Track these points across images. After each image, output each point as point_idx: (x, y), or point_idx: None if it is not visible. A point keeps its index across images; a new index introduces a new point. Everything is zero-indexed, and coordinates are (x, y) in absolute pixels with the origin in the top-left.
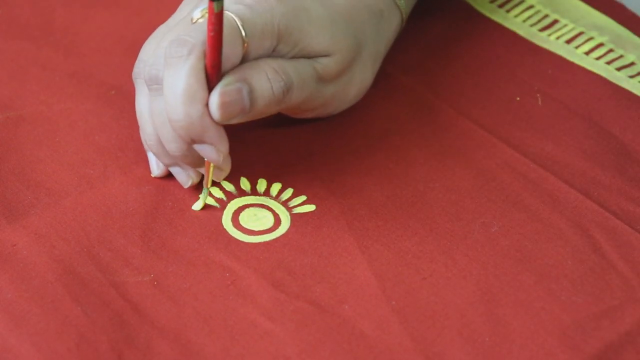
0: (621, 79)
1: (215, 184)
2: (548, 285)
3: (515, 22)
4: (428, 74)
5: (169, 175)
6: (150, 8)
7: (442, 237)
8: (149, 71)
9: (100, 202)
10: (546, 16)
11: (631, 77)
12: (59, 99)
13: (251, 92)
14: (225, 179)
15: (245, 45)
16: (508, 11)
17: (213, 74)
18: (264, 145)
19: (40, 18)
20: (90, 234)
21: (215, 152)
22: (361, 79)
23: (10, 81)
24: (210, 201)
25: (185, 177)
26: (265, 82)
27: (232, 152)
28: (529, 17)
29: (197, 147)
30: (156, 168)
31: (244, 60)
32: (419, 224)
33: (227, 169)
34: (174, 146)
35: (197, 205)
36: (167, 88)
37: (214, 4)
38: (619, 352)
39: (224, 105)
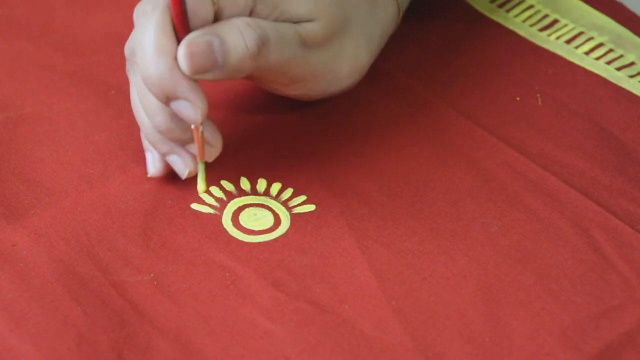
0: (621, 79)
1: (215, 183)
2: (548, 285)
3: (515, 22)
4: (428, 74)
5: (168, 175)
6: None
7: (442, 237)
8: (127, 45)
9: (100, 202)
10: (546, 16)
11: (631, 77)
12: (59, 99)
13: (222, 44)
14: (225, 179)
15: (216, 4)
16: (508, 11)
17: (179, 25)
18: (264, 145)
19: (40, 18)
20: (90, 234)
21: (192, 108)
22: (354, 55)
23: (10, 81)
24: (211, 200)
25: (182, 165)
26: (238, 35)
27: (233, 151)
28: (529, 17)
29: (173, 105)
30: (152, 167)
31: (218, 19)
32: (419, 224)
33: (218, 145)
34: (158, 119)
35: (199, 187)
36: (137, 47)
37: None
38: (619, 352)
39: (191, 56)
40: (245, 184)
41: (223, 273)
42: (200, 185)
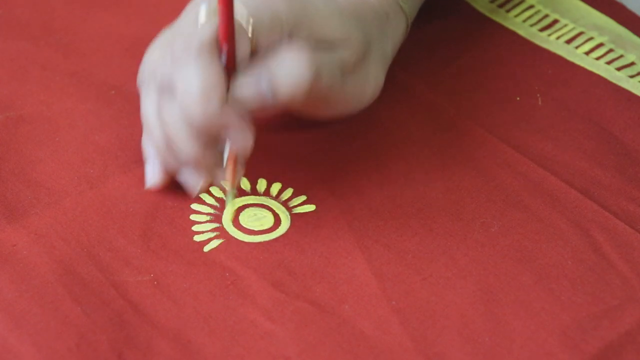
0: (621, 79)
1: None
2: (548, 285)
3: (515, 22)
4: (428, 74)
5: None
6: (150, 8)
7: (442, 237)
8: (160, 79)
9: (100, 202)
10: (546, 16)
11: (631, 77)
12: (59, 99)
13: (272, 78)
14: (225, 179)
15: (253, 41)
16: (508, 11)
17: (229, 66)
18: (264, 145)
19: (40, 18)
20: (90, 234)
21: (242, 135)
22: (375, 76)
23: (10, 81)
24: (211, 201)
25: (195, 182)
26: (287, 69)
27: None
28: (529, 17)
29: (228, 137)
30: (151, 178)
31: (253, 56)
32: (419, 224)
33: (242, 171)
34: (188, 149)
35: (227, 216)
36: (183, 89)
37: None
38: (619, 352)
39: (242, 100)
40: (245, 184)
41: (223, 273)
42: (230, 212)
